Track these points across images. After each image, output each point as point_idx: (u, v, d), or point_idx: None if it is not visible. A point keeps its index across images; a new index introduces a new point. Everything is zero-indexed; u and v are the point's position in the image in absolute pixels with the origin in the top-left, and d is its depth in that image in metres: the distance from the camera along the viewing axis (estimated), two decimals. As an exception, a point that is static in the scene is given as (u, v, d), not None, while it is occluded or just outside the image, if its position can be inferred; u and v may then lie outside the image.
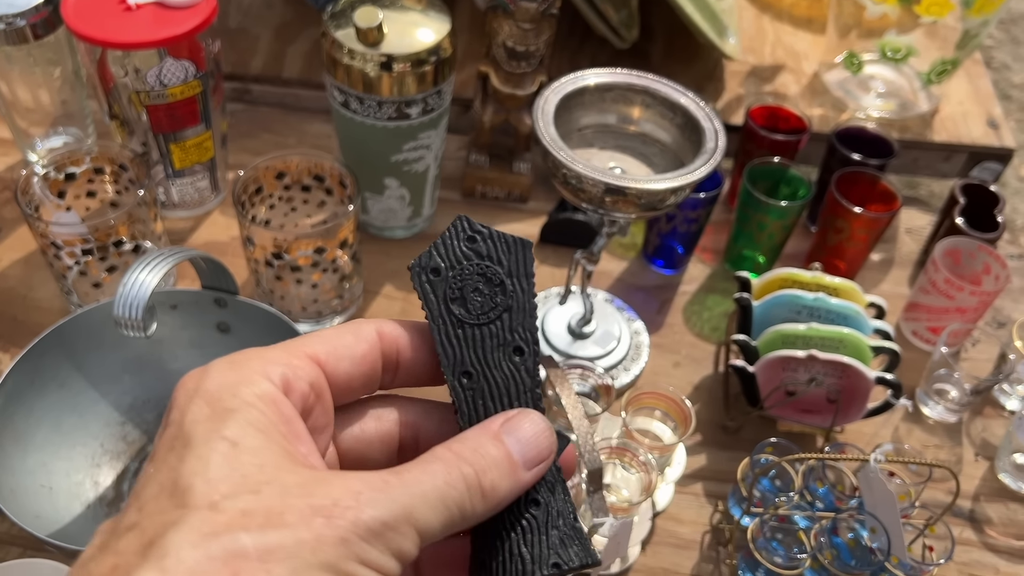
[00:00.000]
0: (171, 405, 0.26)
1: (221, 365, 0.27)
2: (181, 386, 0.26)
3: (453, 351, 0.29)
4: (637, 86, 0.67)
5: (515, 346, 0.30)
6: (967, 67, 1.07)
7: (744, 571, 0.65)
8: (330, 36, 0.72)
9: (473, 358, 0.29)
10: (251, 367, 0.26)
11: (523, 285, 0.30)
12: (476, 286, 0.30)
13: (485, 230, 0.30)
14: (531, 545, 0.28)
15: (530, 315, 0.30)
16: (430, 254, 0.30)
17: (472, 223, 0.30)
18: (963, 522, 0.72)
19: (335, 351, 0.28)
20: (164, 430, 0.26)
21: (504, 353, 0.30)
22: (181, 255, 0.60)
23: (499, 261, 0.30)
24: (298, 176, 0.76)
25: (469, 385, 0.29)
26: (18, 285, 0.80)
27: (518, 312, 0.30)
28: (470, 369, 0.29)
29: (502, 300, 0.30)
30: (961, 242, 0.81)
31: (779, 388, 0.70)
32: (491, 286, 0.30)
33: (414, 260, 0.30)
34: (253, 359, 0.27)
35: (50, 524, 0.60)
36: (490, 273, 0.30)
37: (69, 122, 0.88)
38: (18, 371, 0.61)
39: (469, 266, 0.30)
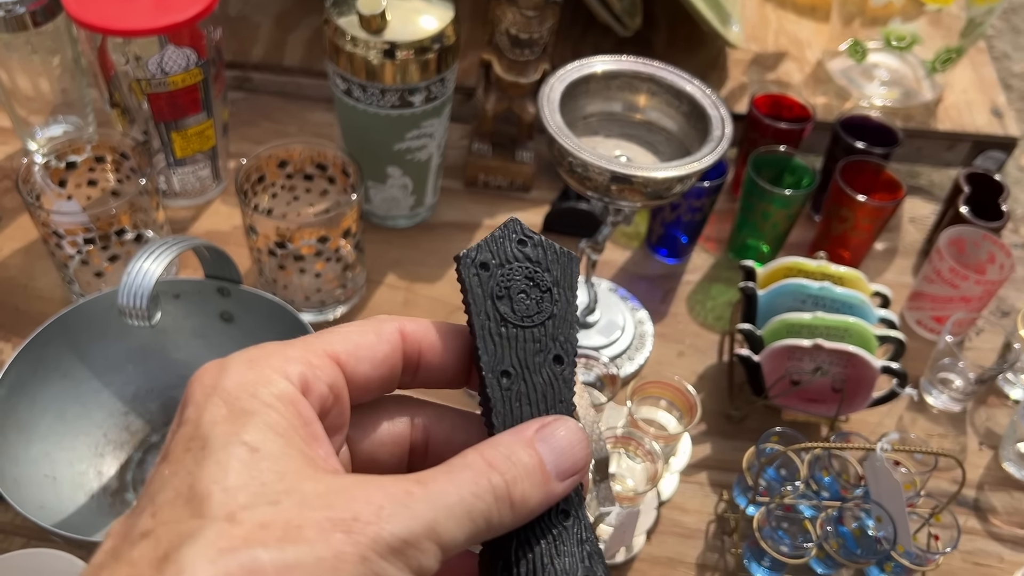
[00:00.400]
0: (186, 400, 0.25)
1: (240, 362, 0.26)
2: (198, 381, 0.25)
3: (494, 348, 0.29)
4: (643, 74, 0.67)
5: (555, 354, 0.29)
6: (971, 55, 1.06)
7: (749, 560, 0.65)
8: (332, 23, 0.72)
9: (514, 359, 0.29)
10: (270, 365, 0.25)
11: (568, 296, 0.30)
12: (523, 288, 0.29)
13: (536, 236, 0.30)
14: (563, 556, 0.27)
15: (572, 327, 0.30)
16: (479, 248, 0.29)
17: (524, 227, 0.30)
18: (967, 511, 0.72)
19: (356, 351, 0.27)
20: (179, 427, 0.25)
21: (544, 359, 0.29)
22: (185, 244, 0.59)
23: (548, 268, 0.30)
24: (300, 165, 0.76)
25: (507, 385, 0.29)
26: (19, 274, 0.80)
27: (561, 321, 0.30)
28: (509, 369, 0.29)
29: (547, 306, 0.30)
30: (966, 231, 0.80)
31: (784, 377, 0.70)
32: (538, 291, 0.30)
33: (463, 252, 0.29)
34: (273, 356, 0.26)
35: (54, 514, 0.60)
36: (538, 278, 0.30)
37: (69, 110, 0.87)
38: (21, 361, 0.61)
39: (518, 267, 0.30)
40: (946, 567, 0.67)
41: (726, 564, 0.67)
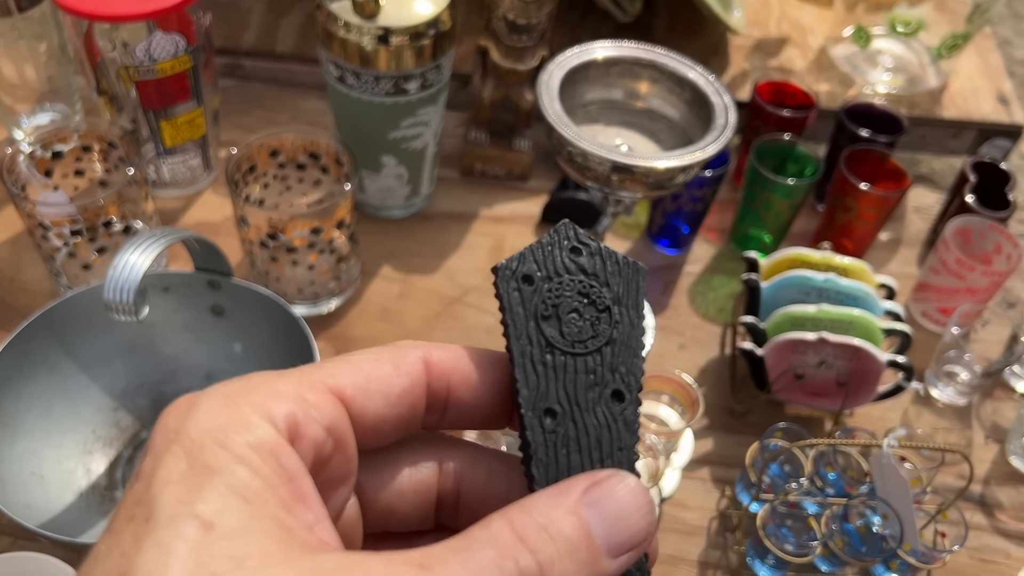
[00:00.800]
0: (148, 446, 0.21)
1: (214, 398, 0.21)
2: (162, 421, 0.21)
3: (537, 380, 0.24)
4: (644, 60, 0.65)
5: (615, 389, 0.24)
6: (977, 42, 1.05)
7: (753, 558, 0.64)
8: (325, 8, 0.70)
9: (561, 394, 0.24)
10: (251, 403, 0.21)
11: (632, 317, 0.25)
12: (575, 307, 0.24)
13: (594, 243, 0.25)
14: None
15: (637, 355, 0.25)
16: (523, 257, 0.24)
17: (580, 232, 0.25)
18: (974, 506, 0.70)
19: (367, 385, 0.23)
20: (133, 482, 0.20)
21: (599, 395, 0.24)
22: (173, 236, 0.58)
23: (607, 283, 0.25)
24: (292, 154, 0.74)
25: (552, 426, 0.23)
26: (5, 267, 0.78)
27: (623, 348, 0.25)
28: (555, 407, 0.24)
29: (606, 329, 0.25)
30: (972, 221, 0.79)
31: (788, 371, 0.69)
32: (594, 310, 0.25)
33: (502, 262, 0.24)
34: (257, 391, 0.21)
35: (41, 513, 0.59)
36: (594, 295, 0.25)
37: (56, 98, 0.85)
38: (6, 356, 0.59)
39: (570, 281, 0.25)
40: (952, 564, 0.66)
41: (729, 562, 0.66)
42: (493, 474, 0.25)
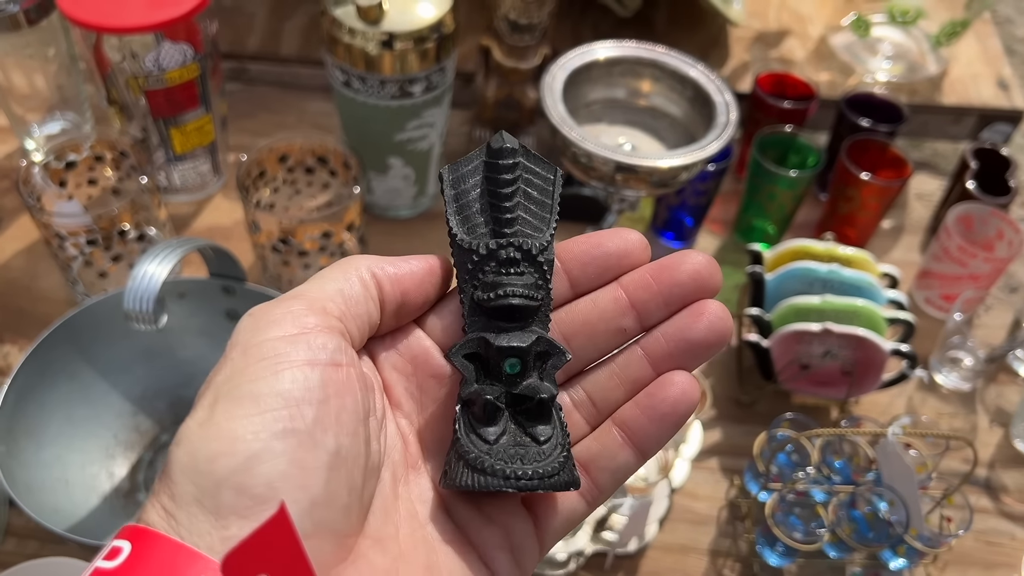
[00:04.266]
0: None
1: None
2: None
3: None
4: (646, 59, 0.66)
5: None
6: (976, 27, 1.05)
7: (762, 546, 0.65)
8: (330, 15, 0.71)
9: None
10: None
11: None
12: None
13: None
14: None
15: None
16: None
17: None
18: (979, 490, 0.72)
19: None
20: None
21: None
22: (189, 246, 0.59)
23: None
24: (301, 158, 0.75)
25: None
26: (22, 276, 0.79)
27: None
28: None
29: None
30: (974, 208, 0.80)
31: (793, 362, 0.70)
32: None
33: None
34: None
35: (68, 517, 0.60)
36: None
37: (66, 107, 0.86)
38: (28, 365, 0.60)
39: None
40: (958, 547, 0.67)
41: (739, 550, 0.67)
42: None
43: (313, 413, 0.25)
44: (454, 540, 0.29)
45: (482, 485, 0.28)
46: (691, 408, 0.29)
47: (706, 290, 0.29)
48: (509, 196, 0.29)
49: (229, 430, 0.24)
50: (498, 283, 0.29)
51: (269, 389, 0.25)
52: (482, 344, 0.29)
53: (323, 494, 0.24)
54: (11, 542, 0.63)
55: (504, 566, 0.29)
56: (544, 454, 0.28)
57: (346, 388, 0.26)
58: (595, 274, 0.30)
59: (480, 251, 0.29)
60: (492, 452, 0.28)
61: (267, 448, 0.24)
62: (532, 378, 0.29)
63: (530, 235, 0.30)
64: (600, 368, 0.31)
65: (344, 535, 0.25)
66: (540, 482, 0.28)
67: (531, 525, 0.30)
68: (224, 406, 0.25)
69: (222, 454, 0.24)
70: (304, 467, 0.24)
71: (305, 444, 0.24)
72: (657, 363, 0.29)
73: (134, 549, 0.23)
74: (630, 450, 0.29)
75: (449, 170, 0.30)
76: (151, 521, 0.24)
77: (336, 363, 0.26)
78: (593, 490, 0.30)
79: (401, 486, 0.29)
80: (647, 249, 0.30)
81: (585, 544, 0.62)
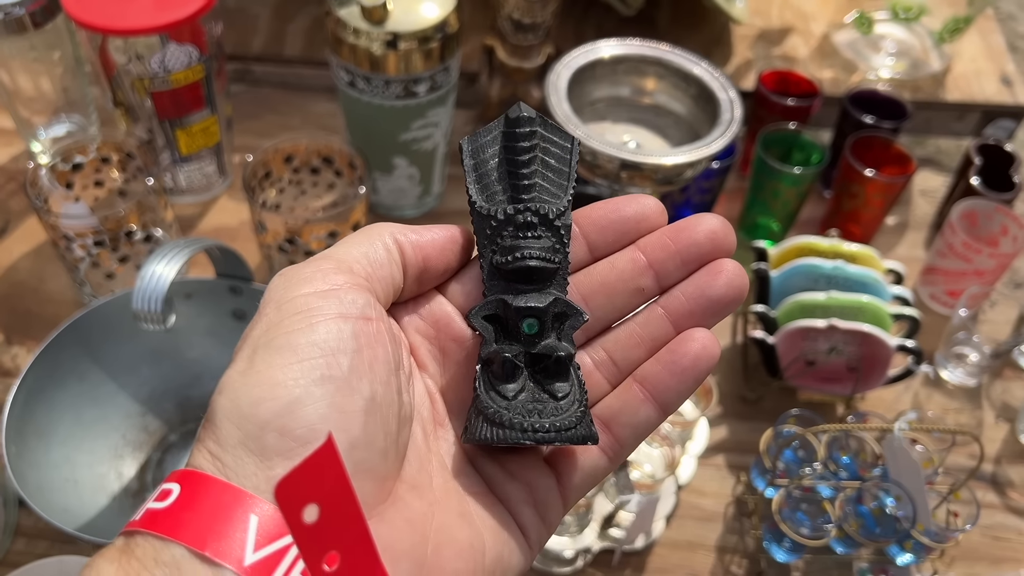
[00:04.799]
0: None
1: None
2: None
3: None
4: (650, 57, 0.66)
5: None
6: (979, 23, 1.05)
7: (769, 542, 0.65)
8: (334, 15, 0.71)
9: None
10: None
11: None
12: None
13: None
14: None
15: None
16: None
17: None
18: (985, 485, 0.72)
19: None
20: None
21: None
22: (197, 246, 0.59)
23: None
24: (307, 158, 0.75)
25: None
26: (30, 278, 0.80)
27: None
28: None
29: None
30: (978, 204, 0.80)
31: (799, 358, 0.70)
32: None
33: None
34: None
35: (77, 517, 0.61)
36: None
37: (72, 109, 0.87)
38: (37, 366, 0.61)
39: None
40: (965, 542, 0.67)
41: (746, 546, 0.67)
42: None
43: (348, 362, 0.26)
44: (482, 492, 0.30)
45: (501, 438, 0.29)
46: (712, 363, 0.30)
47: (722, 249, 0.30)
48: (527, 163, 0.30)
49: (270, 377, 0.25)
50: (516, 247, 0.30)
51: (306, 340, 0.26)
52: (501, 305, 0.30)
53: (362, 436, 0.26)
54: (21, 541, 0.64)
55: (530, 520, 0.30)
56: (561, 409, 0.29)
57: (377, 340, 0.27)
58: (613, 238, 0.31)
59: (498, 216, 0.30)
60: (511, 407, 0.29)
61: (307, 393, 0.25)
62: (550, 338, 0.30)
63: (548, 200, 0.30)
64: (620, 328, 0.31)
65: (383, 477, 0.27)
66: (557, 435, 0.28)
67: (554, 481, 0.31)
68: (263, 356, 0.26)
69: (264, 399, 0.25)
70: (343, 411, 0.25)
71: (342, 390, 0.26)
72: (677, 321, 0.30)
73: (184, 490, 0.24)
74: (651, 405, 0.30)
75: (468, 141, 0.31)
76: (198, 464, 0.25)
77: (367, 317, 0.27)
78: (615, 446, 0.31)
79: (432, 440, 0.30)
80: (664, 214, 0.31)
81: (593, 541, 0.62)
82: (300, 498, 0.21)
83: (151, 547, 0.24)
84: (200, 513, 0.24)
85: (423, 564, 0.27)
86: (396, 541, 0.26)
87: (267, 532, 0.23)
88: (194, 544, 0.23)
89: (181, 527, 0.23)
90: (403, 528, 0.26)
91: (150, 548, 0.24)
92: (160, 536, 0.24)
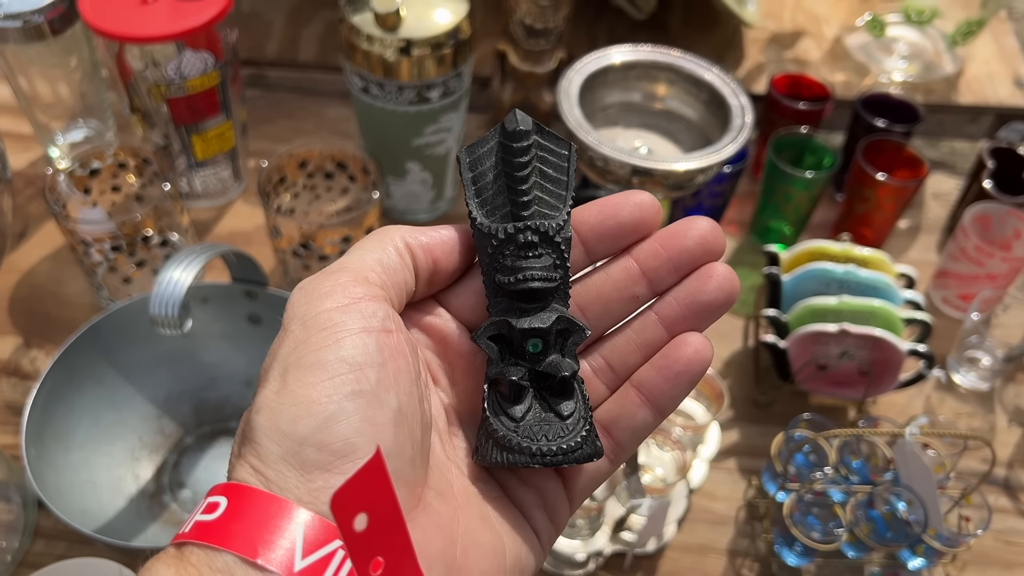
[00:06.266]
0: None
1: None
2: None
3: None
4: (661, 63, 0.67)
5: None
6: (992, 26, 1.05)
7: (780, 546, 0.65)
8: (348, 22, 0.71)
9: None
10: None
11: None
12: None
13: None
14: None
15: None
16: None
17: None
18: (998, 489, 0.72)
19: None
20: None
21: None
22: (213, 252, 0.60)
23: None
24: (321, 163, 0.76)
25: None
26: (48, 281, 0.81)
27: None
28: None
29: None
30: (991, 207, 0.80)
31: (810, 362, 0.70)
32: None
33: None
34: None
35: (95, 519, 0.62)
36: None
37: (89, 114, 0.88)
38: (56, 370, 0.62)
39: None
40: (977, 547, 0.67)
41: (757, 550, 0.67)
42: None
43: (375, 375, 0.27)
44: (499, 497, 0.31)
45: (511, 462, 0.30)
46: (704, 366, 0.31)
47: (712, 253, 0.31)
48: (525, 179, 0.30)
49: (304, 396, 0.26)
50: (518, 267, 0.30)
51: (334, 356, 0.27)
52: (505, 326, 0.31)
53: (393, 446, 0.27)
54: (40, 543, 0.65)
55: (542, 522, 0.32)
56: (568, 429, 0.30)
57: (398, 352, 0.28)
58: (611, 243, 0.32)
59: (499, 235, 0.30)
60: (519, 430, 0.30)
61: (341, 408, 0.26)
62: (554, 355, 0.31)
63: (547, 215, 0.31)
64: (617, 334, 0.32)
65: (413, 484, 0.28)
66: (564, 457, 0.30)
67: (561, 485, 0.32)
68: (295, 374, 0.27)
69: (301, 417, 0.26)
70: (374, 423, 0.26)
71: (372, 403, 0.27)
72: (671, 326, 0.31)
73: (231, 502, 0.25)
74: (648, 409, 0.31)
75: (467, 152, 0.31)
76: (242, 478, 0.26)
77: (387, 329, 0.28)
78: (616, 448, 0.32)
79: (448, 448, 0.31)
80: (659, 212, 0.31)
81: (604, 544, 0.63)
82: (352, 507, 0.22)
83: (204, 555, 0.25)
84: (249, 523, 0.25)
85: (453, 566, 0.28)
86: (428, 544, 0.27)
87: (313, 540, 0.25)
88: (246, 553, 0.24)
89: (232, 537, 0.25)
90: (434, 532, 0.28)
91: (204, 555, 0.25)
92: (212, 546, 0.25)
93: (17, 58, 0.78)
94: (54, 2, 0.75)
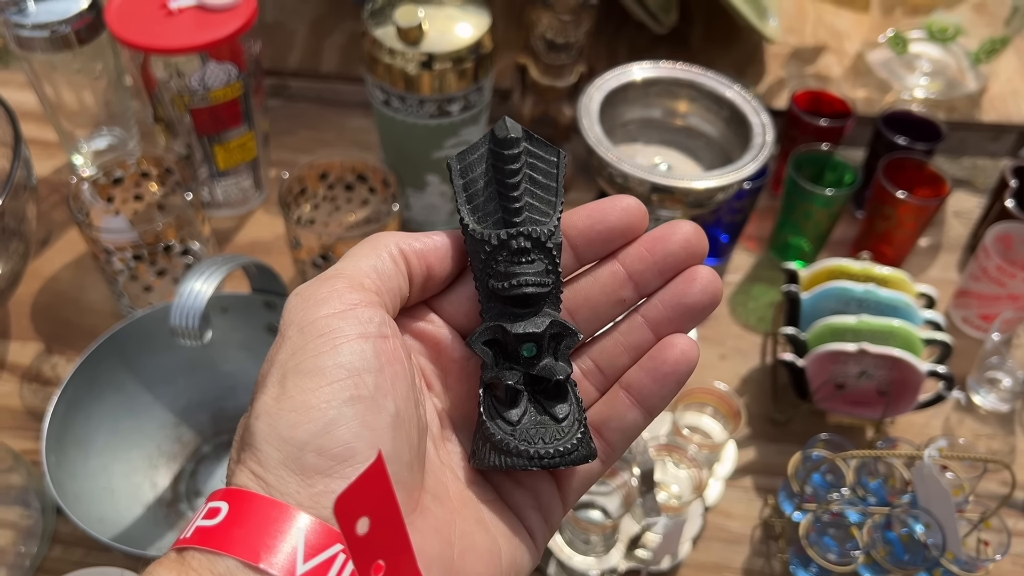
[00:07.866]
0: None
1: None
2: None
3: None
4: (682, 80, 0.67)
5: None
6: (1017, 43, 1.04)
7: (796, 567, 0.65)
8: (370, 35, 0.72)
9: None
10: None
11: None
12: None
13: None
14: None
15: None
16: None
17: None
18: (1017, 513, 0.71)
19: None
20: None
21: None
22: (234, 263, 0.60)
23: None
24: (341, 175, 0.76)
25: None
26: (70, 288, 0.81)
27: None
28: None
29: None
30: (1013, 227, 0.79)
31: (829, 381, 0.70)
32: None
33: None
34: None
35: (113, 526, 0.62)
36: None
37: (113, 123, 0.89)
38: (77, 377, 0.62)
39: None
40: (996, 572, 0.67)
41: (772, 570, 0.67)
42: None
43: (373, 380, 0.27)
44: (494, 500, 0.32)
45: (509, 465, 0.30)
46: (691, 367, 0.31)
47: (696, 256, 0.31)
48: (516, 186, 0.31)
49: (303, 401, 0.27)
50: (511, 273, 0.31)
51: (332, 362, 0.27)
52: (499, 331, 0.31)
53: (391, 451, 0.27)
54: (57, 549, 0.65)
55: (536, 523, 0.32)
56: (563, 431, 0.31)
57: (395, 357, 0.28)
58: (599, 248, 0.32)
59: (492, 242, 0.31)
60: (516, 433, 0.31)
61: (340, 414, 0.26)
62: (547, 358, 0.31)
63: (538, 220, 0.31)
64: (605, 337, 0.33)
65: (411, 488, 0.28)
66: (561, 459, 0.30)
67: (555, 486, 0.33)
68: (294, 381, 0.27)
69: (301, 422, 0.26)
70: (373, 428, 0.27)
71: (371, 408, 0.27)
72: (657, 328, 0.32)
73: (232, 507, 0.26)
74: (637, 410, 0.32)
75: (457, 159, 0.32)
76: (242, 483, 0.26)
77: (383, 335, 0.28)
78: (607, 449, 0.33)
79: (443, 452, 0.32)
80: (645, 217, 0.32)
81: (619, 561, 0.63)
82: (355, 511, 0.22)
83: (206, 559, 0.25)
84: (250, 528, 0.25)
85: (451, 568, 0.28)
86: (426, 547, 0.28)
87: (314, 544, 0.25)
88: (248, 557, 0.25)
89: (233, 542, 0.25)
90: (431, 536, 0.28)
91: (205, 560, 0.25)
92: (213, 551, 0.25)
93: (43, 66, 0.79)
94: (81, 12, 0.76)
